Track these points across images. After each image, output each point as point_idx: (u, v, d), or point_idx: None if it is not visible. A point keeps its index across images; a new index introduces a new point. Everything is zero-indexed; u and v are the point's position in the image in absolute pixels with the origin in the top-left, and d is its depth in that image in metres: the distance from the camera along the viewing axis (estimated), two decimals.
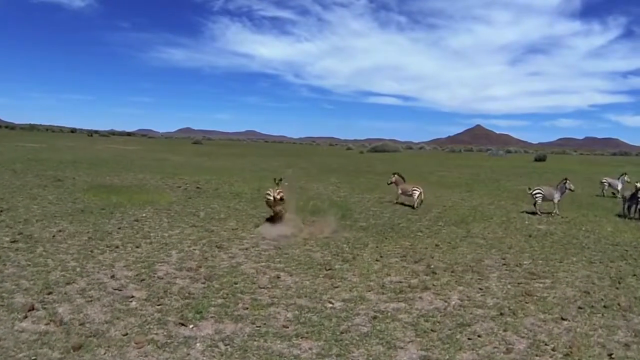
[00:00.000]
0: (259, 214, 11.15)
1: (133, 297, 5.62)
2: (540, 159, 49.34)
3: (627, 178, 17.85)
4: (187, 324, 4.89)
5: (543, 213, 12.75)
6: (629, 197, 12.73)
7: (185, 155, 38.16)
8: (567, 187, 12.89)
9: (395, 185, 14.41)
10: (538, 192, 12.78)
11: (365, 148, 76.06)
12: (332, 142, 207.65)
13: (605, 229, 10.88)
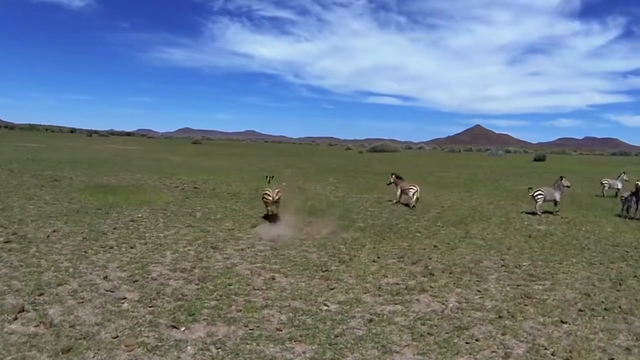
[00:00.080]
0: (256, 215, 11.06)
1: (125, 298, 5.53)
2: (540, 159, 49.38)
3: (625, 177, 17.78)
4: (178, 327, 4.79)
5: (543, 213, 12.66)
6: (629, 195, 12.65)
7: (184, 155, 38.08)
8: (563, 184, 12.93)
9: (395, 186, 14.35)
10: (539, 193, 12.67)
11: (365, 148, 75.98)
12: (331, 142, 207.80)
13: (606, 230, 10.79)
